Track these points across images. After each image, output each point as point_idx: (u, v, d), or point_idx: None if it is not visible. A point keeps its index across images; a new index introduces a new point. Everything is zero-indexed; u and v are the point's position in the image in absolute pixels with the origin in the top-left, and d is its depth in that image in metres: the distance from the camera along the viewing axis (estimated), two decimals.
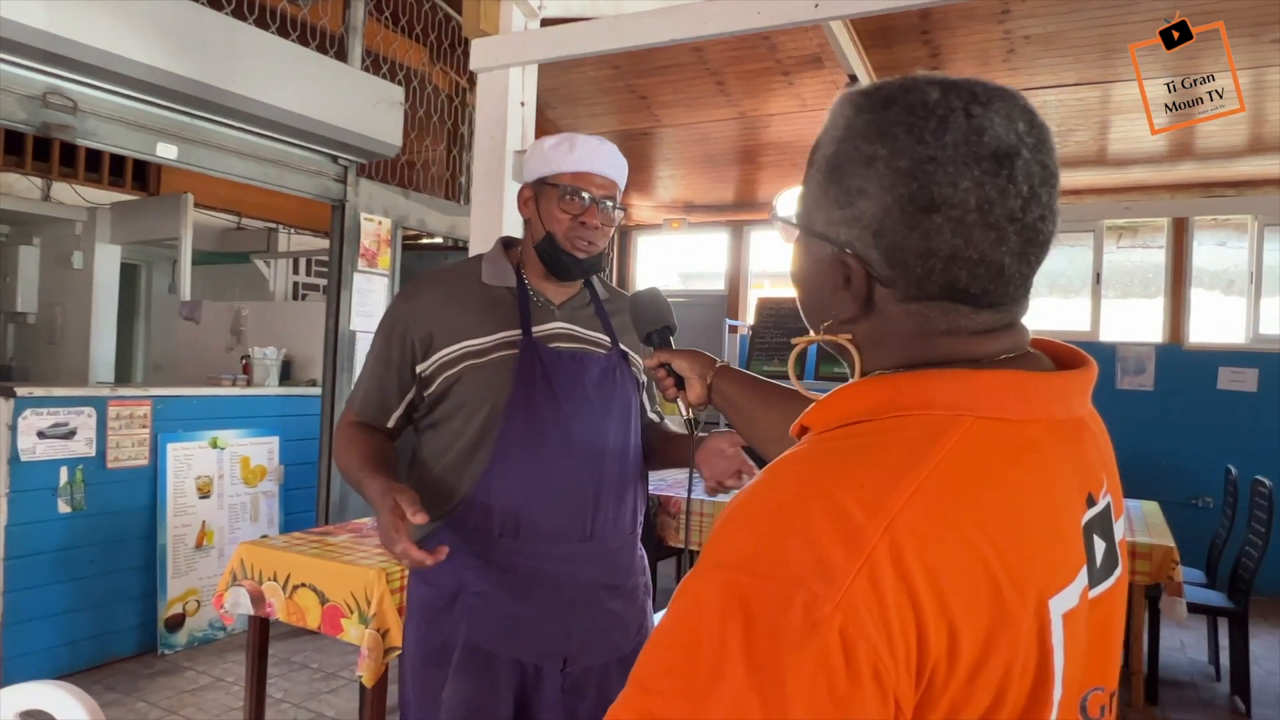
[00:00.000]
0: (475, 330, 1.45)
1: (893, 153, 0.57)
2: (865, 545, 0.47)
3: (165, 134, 3.33)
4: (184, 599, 3.79)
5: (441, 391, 1.46)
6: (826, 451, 0.55)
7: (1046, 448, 0.56)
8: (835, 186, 0.60)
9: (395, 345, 1.48)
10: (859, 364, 0.62)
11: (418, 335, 1.46)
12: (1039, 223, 0.57)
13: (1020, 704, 0.51)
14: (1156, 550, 3.15)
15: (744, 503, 0.53)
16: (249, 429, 4.14)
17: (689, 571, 0.56)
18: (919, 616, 0.47)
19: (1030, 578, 0.51)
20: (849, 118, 0.60)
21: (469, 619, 1.42)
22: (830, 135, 0.62)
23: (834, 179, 0.60)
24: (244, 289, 6.65)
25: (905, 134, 0.56)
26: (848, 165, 0.59)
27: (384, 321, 1.53)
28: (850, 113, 0.61)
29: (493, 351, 1.44)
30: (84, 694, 1.27)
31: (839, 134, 0.61)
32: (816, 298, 0.65)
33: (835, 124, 0.62)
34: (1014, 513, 0.52)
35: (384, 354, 1.49)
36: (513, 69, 2.09)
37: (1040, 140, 0.57)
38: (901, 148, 0.56)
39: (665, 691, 0.47)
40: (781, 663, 0.45)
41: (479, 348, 1.44)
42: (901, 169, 0.56)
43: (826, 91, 5.17)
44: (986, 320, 0.59)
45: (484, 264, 1.54)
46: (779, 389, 1.12)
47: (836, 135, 0.61)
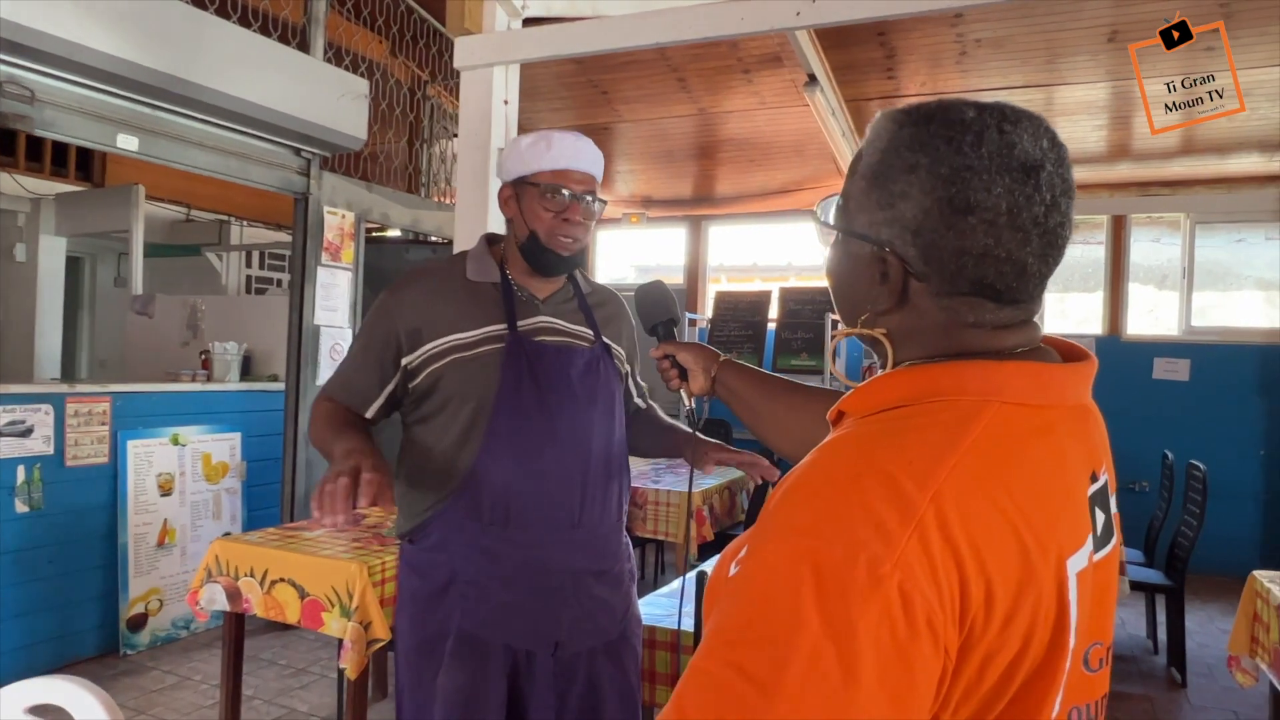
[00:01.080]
0: (462, 325, 1.48)
1: (934, 161, 0.64)
2: (915, 512, 0.54)
3: (126, 125, 3.27)
4: (146, 598, 3.73)
5: (429, 385, 1.49)
6: (876, 432, 0.62)
7: (1059, 430, 0.64)
8: (878, 190, 0.67)
9: (379, 337, 1.50)
10: (891, 355, 0.69)
11: (404, 328, 1.49)
12: (1058, 228, 0.65)
13: (1042, 650, 0.58)
14: None
15: (804, 478, 0.60)
16: (210, 425, 4.08)
17: (746, 540, 0.62)
18: (961, 573, 0.54)
19: (1050, 540, 0.59)
20: (891, 132, 0.68)
21: (461, 607, 1.46)
22: (874, 146, 0.69)
23: (877, 184, 0.67)
24: (194, 282, 6.51)
25: (945, 145, 0.64)
26: (891, 172, 0.66)
27: (371, 314, 1.55)
28: (893, 127, 0.68)
29: (479, 345, 1.47)
30: (96, 687, 1.28)
31: (882, 145, 0.68)
32: (852, 293, 0.72)
33: (878, 137, 0.69)
34: (1035, 485, 0.60)
35: (368, 345, 1.52)
36: (496, 68, 2.12)
37: (1060, 157, 0.65)
38: (942, 157, 0.64)
39: (748, 642, 0.53)
40: (851, 613, 0.51)
41: (465, 342, 1.47)
42: (942, 175, 0.63)
43: (785, 89, 5.28)
44: (1008, 315, 0.66)
45: (468, 260, 1.57)
46: (781, 381, 1.20)
47: (880, 146, 0.68)
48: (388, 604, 2.49)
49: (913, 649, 0.52)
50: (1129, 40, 4.49)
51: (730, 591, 0.57)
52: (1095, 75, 4.93)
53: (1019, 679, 0.58)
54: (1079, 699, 0.64)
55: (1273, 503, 5.64)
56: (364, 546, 2.64)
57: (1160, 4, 4.15)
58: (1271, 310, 6.00)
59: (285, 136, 3.81)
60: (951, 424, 0.60)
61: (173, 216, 6.87)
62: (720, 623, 0.56)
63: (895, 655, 0.51)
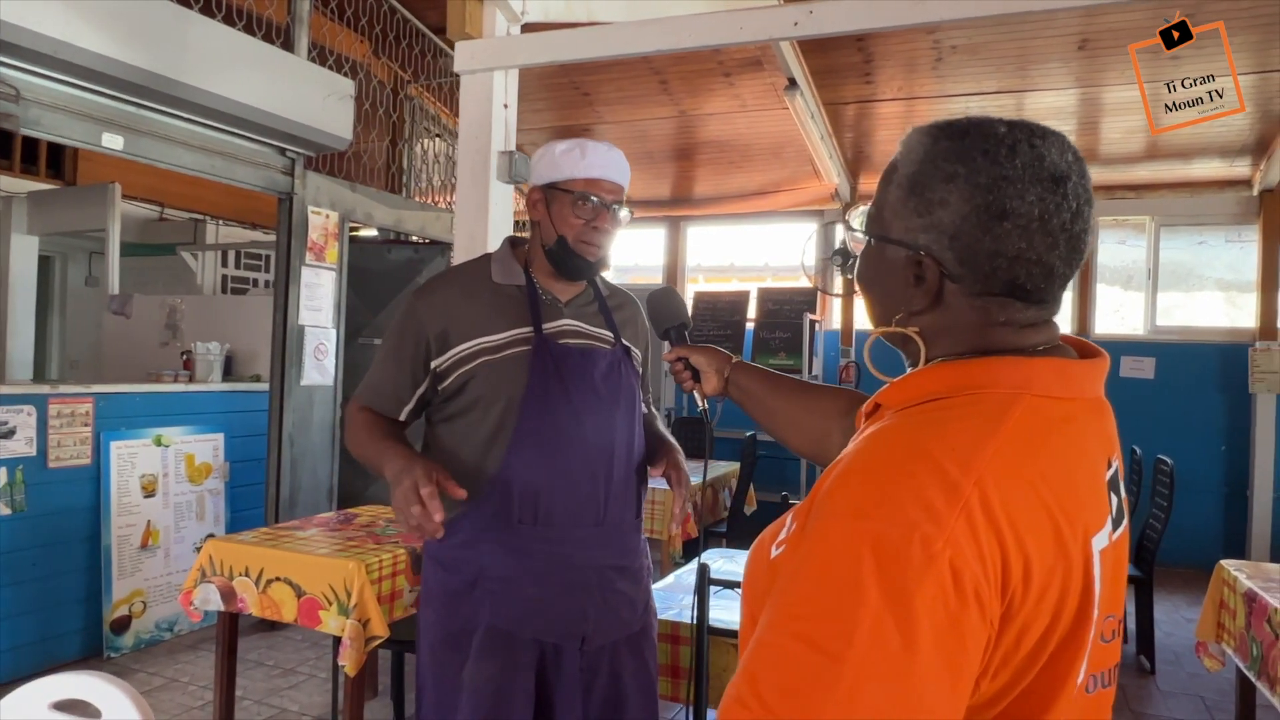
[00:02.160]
0: (489, 327, 1.52)
1: (972, 170, 0.70)
2: (961, 495, 0.60)
3: (111, 124, 3.24)
4: (130, 600, 3.70)
5: (457, 386, 1.52)
6: (920, 422, 0.68)
7: (1081, 420, 0.71)
8: (916, 199, 0.73)
9: (409, 341, 1.54)
10: (924, 352, 0.74)
11: (433, 332, 1.52)
12: (1082, 234, 0.71)
13: (1070, 621, 0.64)
14: None
15: (856, 464, 0.65)
16: (193, 426, 4.06)
17: (795, 522, 0.68)
18: (1003, 549, 0.60)
19: (1078, 520, 0.65)
20: (927, 145, 0.74)
21: (490, 602, 1.49)
22: (911, 158, 0.74)
23: (915, 193, 0.73)
24: (168, 282, 6.43)
25: (982, 157, 0.70)
26: (930, 181, 0.72)
27: (399, 317, 1.58)
28: (928, 141, 0.74)
29: (507, 348, 1.51)
30: (121, 681, 1.30)
31: (919, 157, 0.74)
32: (887, 295, 0.77)
33: (914, 150, 0.75)
34: (1063, 469, 0.66)
35: (398, 349, 1.56)
36: (496, 72, 2.16)
37: (1082, 170, 0.71)
38: (980, 167, 0.69)
39: (813, 615, 0.58)
40: (909, 587, 0.57)
41: (493, 344, 1.52)
42: (980, 184, 0.69)
43: (765, 93, 5.35)
44: (1033, 315, 0.73)
45: (493, 263, 1.61)
46: (792, 381, 1.26)
47: (917, 158, 0.74)
48: (385, 601, 2.51)
49: (964, 619, 0.57)
50: (1098, 48, 4.64)
51: (790, 569, 0.62)
52: (1065, 82, 5.07)
53: (1050, 648, 0.63)
54: (1096, 667, 0.70)
55: (1233, 496, 5.83)
56: (359, 545, 2.66)
57: (1127, 14, 4.29)
58: (1232, 310, 6.21)
59: (270, 136, 3.80)
60: (989, 414, 0.66)
61: (146, 215, 6.78)
62: (783, 599, 0.61)
63: (949, 625, 0.57)
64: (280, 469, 4.08)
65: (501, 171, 2.14)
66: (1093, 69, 4.91)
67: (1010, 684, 0.63)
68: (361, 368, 4.92)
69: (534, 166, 1.58)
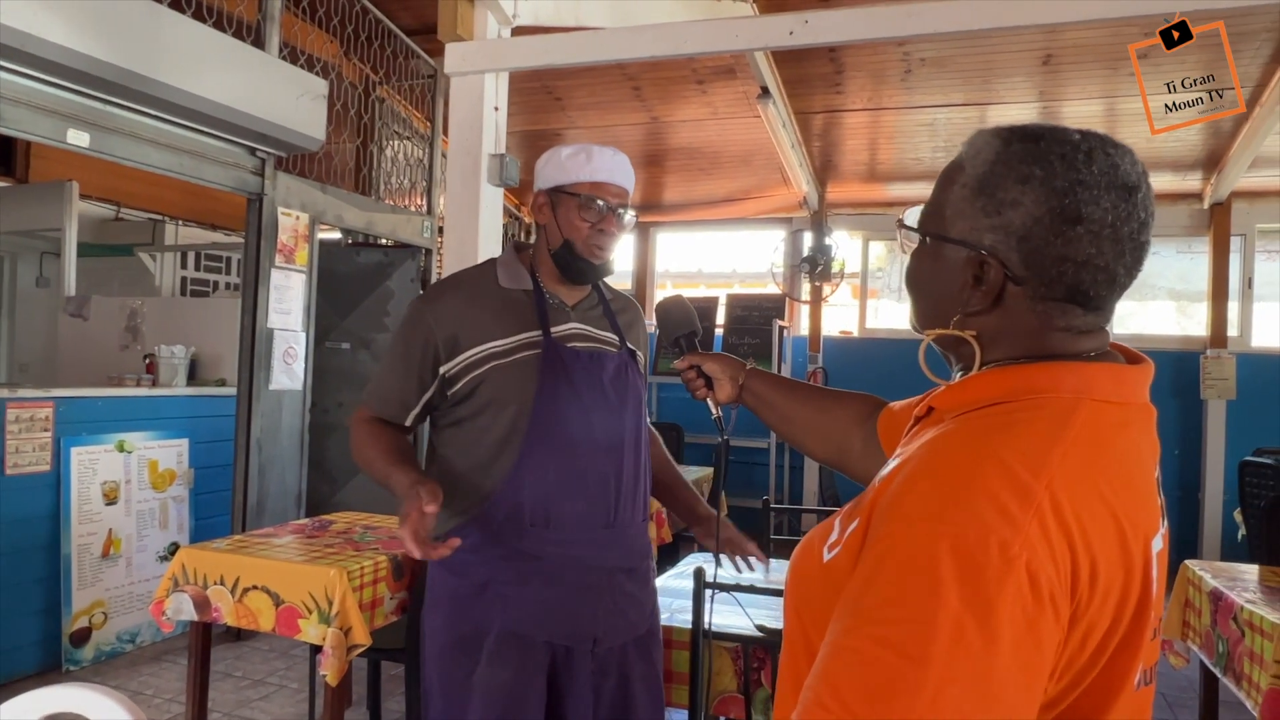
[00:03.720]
0: (497, 332, 1.52)
1: (1049, 174, 0.70)
2: (1034, 498, 0.60)
3: (77, 120, 3.15)
4: (90, 611, 3.58)
5: (467, 391, 1.52)
6: (986, 426, 0.68)
7: (1135, 425, 0.72)
8: (984, 199, 0.73)
9: (417, 346, 1.53)
10: (979, 356, 0.75)
11: (442, 337, 1.52)
12: (1145, 245, 0.72)
13: (1129, 622, 0.65)
14: None
15: (924, 467, 0.66)
16: (157, 431, 3.95)
17: (851, 525, 0.68)
18: (1073, 553, 0.61)
19: (1139, 523, 0.66)
20: (997, 147, 0.73)
21: (502, 606, 1.49)
22: (979, 159, 0.74)
23: (984, 192, 0.73)
24: (125, 284, 6.26)
25: (1060, 160, 0.70)
26: (1002, 182, 0.72)
27: (406, 323, 1.58)
28: (998, 143, 0.74)
29: (516, 352, 1.52)
30: (115, 691, 1.26)
31: (990, 157, 0.73)
32: (943, 295, 0.77)
33: (983, 151, 0.74)
34: (1124, 473, 0.67)
35: (405, 354, 1.55)
36: (487, 75, 2.15)
37: (1149, 184, 0.73)
38: (1057, 170, 0.70)
39: (892, 620, 0.58)
40: (989, 591, 0.57)
41: (502, 349, 1.52)
42: (1057, 188, 0.69)
43: (737, 100, 5.40)
44: (1090, 321, 0.73)
45: (499, 268, 1.61)
46: (807, 386, 1.26)
47: (988, 159, 0.74)
48: (366, 609, 2.47)
49: (1040, 622, 0.58)
50: (1061, 63, 4.77)
51: (863, 575, 0.62)
52: (1029, 96, 5.20)
53: (1110, 648, 0.64)
54: (1145, 664, 0.71)
55: (1186, 498, 6.02)
56: (338, 551, 2.61)
57: (1090, 31, 4.42)
58: (1184, 319, 6.43)
59: (241, 135, 3.72)
60: (1054, 418, 0.67)
61: (102, 215, 6.59)
62: (858, 603, 0.61)
63: (1026, 628, 0.57)
64: (248, 475, 3.99)
65: (492, 174, 2.13)
66: (1055, 84, 5.05)
67: (1073, 684, 0.64)
68: (330, 372, 4.89)
69: (540, 171, 1.59)
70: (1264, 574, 2.70)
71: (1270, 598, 2.40)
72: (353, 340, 5.04)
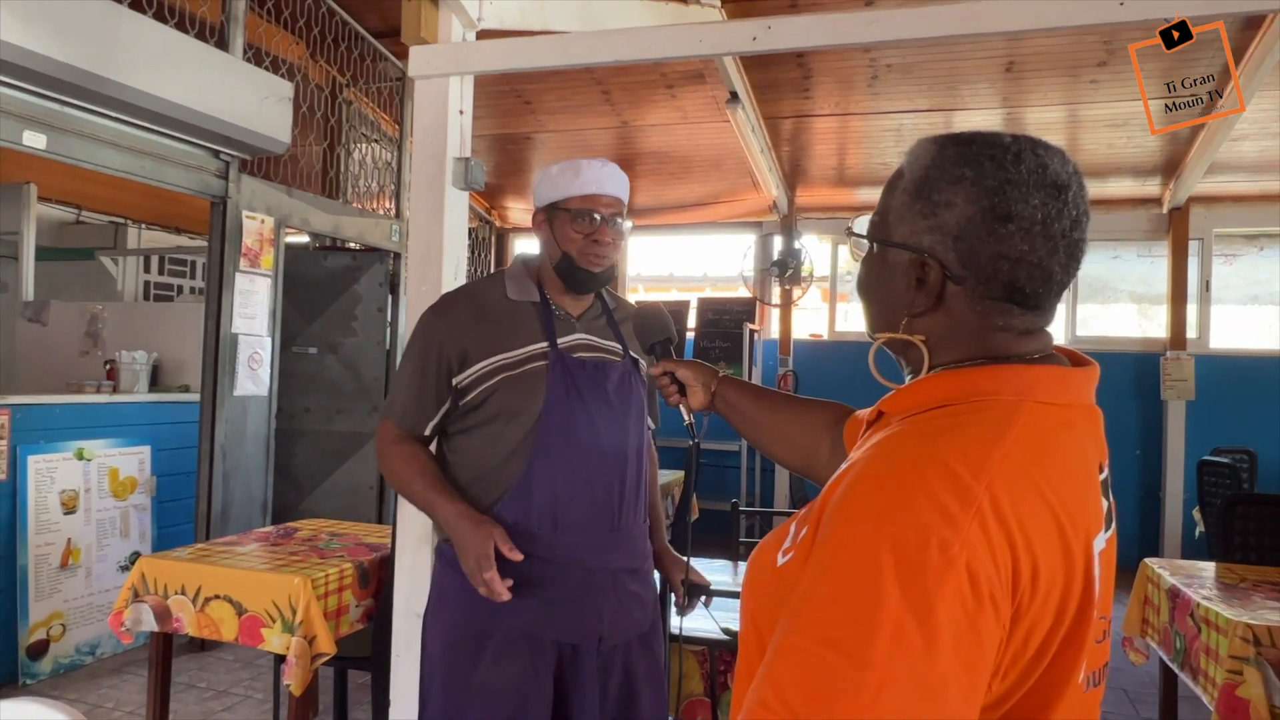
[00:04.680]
0: (506, 344, 1.57)
1: (979, 174, 0.72)
2: (974, 499, 0.61)
3: (33, 122, 3.09)
4: (48, 623, 3.50)
5: (479, 401, 1.57)
6: (929, 428, 0.70)
7: (1078, 426, 0.73)
8: (922, 201, 0.75)
9: (433, 359, 1.58)
10: (927, 360, 0.76)
11: (453, 351, 1.57)
12: (1080, 243, 0.74)
13: (1072, 621, 0.66)
14: None
15: (868, 470, 0.67)
16: (118, 438, 3.87)
17: (803, 529, 0.69)
18: (1013, 552, 0.62)
19: (1080, 522, 0.67)
20: (934, 152, 0.76)
21: (509, 606, 1.51)
22: (917, 164, 0.77)
23: (921, 195, 0.75)
24: (86, 288, 6.13)
25: (989, 161, 0.72)
26: (937, 184, 0.74)
27: (417, 336, 1.63)
28: (935, 148, 0.76)
29: (525, 364, 1.57)
30: (64, 705, 1.23)
31: (926, 162, 0.76)
32: (890, 299, 0.78)
33: (920, 156, 0.77)
34: (1066, 473, 0.68)
35: (421, 367, 1.59)
36: (452, 78, 2.13)
37: (1081, 183, 0.75)
38: (987, 171, 0.72)
39: (835, 620, 0.59)
40: (929, 591, 0.58)
41: (512, 360, 1.57)
42: (986, 187, 0.72)
43: (706, 105, 5.43)
44: (1030, 322, 0.75)
45: (507, 281, 1.66)
46: (778, 394, 1.28)
47: (924, 163, 0.76)
48: (331, 617, 2.44)
49: (980, 620, 0.59)
50: (1024, 70, 4.85)
51: (809, 576, 0.63)
52: (992, 102, 5.28)
53: (1054, 648, 0.65)
54: (1091, 665, 0.72)
55: (1147, 497, 6.14)
56: (303, 559, 2.58)
57: (1050, 40, 4.51)
58: (1144, 321, 6.56)
59: (204, 137, 3.67)
60: (996, 420, 0.68)
61: (62, 217, 6.47)
62: (803, 604, 0.62)
63: (967, 626, 0.58)
64: (212, 483, 3.93)
65: (457, 178, 2.11)
66: (1018, 90, 5.13)
67: (1017, 683, 0.64)
68: (296, 377, 4.83)
69: (535, 190, 1.66)
70: (1220, 571, 2.76)
71: (1226, 594, 2.45)
72: (320, 345, 4.99)
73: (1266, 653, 2.13)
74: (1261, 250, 6.41)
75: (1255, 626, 2.13)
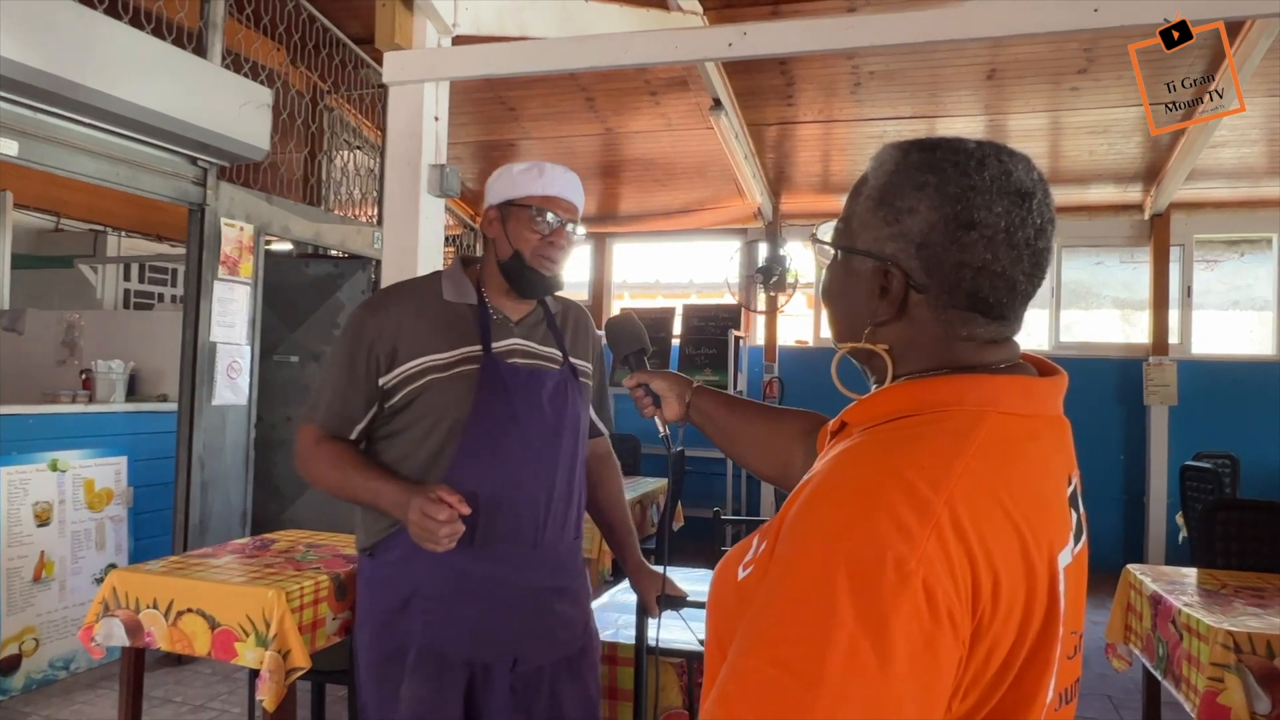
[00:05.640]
0: (438, 345, 1.51)
1: (942, 180, 0.71)
2: (933, 513, 0.59)
3: (5, 128, 3.04)
4: (20, 638, 3.44)
5: (404, 404, 1.50)
6: (889, 440, 0.68)
7: (1044, 438, 0.71)
8: (885, 208, 0.73)
9: (360, 358, 1.51)
10: (891, 370, 0.74)
11: (382, 350, 1.50)
12: (1044, 252, 0.72)
13: (1035, 639, 0.64)
14: None
15: (826, 484, 0.65)
16: (93, 449, 3.82)
17: (764, 543, 0.67)
18: (973, 568, 0.60)
19: (1044, 537, 0.65)
20: (897, 158, 0.74)
21: (423, 622, 1.47)
22: (881, 170, 0.75)
23: (884, 202, 0.73)
24: (65, 296, 6.07)
25: (952, 168, 0.71)
26: (900, 191, 0.72)
27: (346, 335, 1.55)
28: (899, 155, 0.75)
29: (455, 366, 1.50)
30: None
31: (890, 169, 0.74)
32: (853, 308, 0.77)
33: (884, 163, 0.75)
34: (1030, 486, 0.67)
35: (349, 367, 1.52)
36: (426, 84, 2.12)
37: (1046, 190, 0.73)
38: (950, 177, 0.70)
39: (787, 639, 0.57)
40: (884, 609, 0.56)
41: (441, 362, 1.50)
42: (949, 193, 0.70)
43: (690, 112, 5.43)
44: (995, 331, 0.73)
45: (444, 281, 1.60)
46: (753, 404, 1.26)
47: (888, 170, 0.74)
48: (306, 630, 2.40)
49: (938, 639, 0.57)
50: (1005, 78, 4.87)
51: (764, 592, 0.61)
52: (974, 109, 5.31)
53: (1017, 666, 0.63)
54: (1061, 684, 0.70)
55: (1131, 502, 6.16)
56: (278, 571, 2.54)
57: (1032, 46, 4.53)
58: (1127, 327, 6.59)
59: (181, 144, 3.63)
60: (956, 431, 0.66)
61: (40, 225, 6.40)
62: (757, 622, 0.60)
63: (923, 645, 0.56)
64: (190, 493, 3.88)
65: (432, 185, 2.10)
66: (1000, 97, 5.16)
67: (980, 703, 0.63)
68: (277, 386, 4.78)
69: (491, 186, 1.59)
70: (1202, 577, 2.76)
71: (1208, 601, 2.45)
72: (302, 353, 4.94)
73: (1247, 659, 2.12)
74: (1243, 256, 6.46)
75: (1236, 634, 2.13)
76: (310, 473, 1.55)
